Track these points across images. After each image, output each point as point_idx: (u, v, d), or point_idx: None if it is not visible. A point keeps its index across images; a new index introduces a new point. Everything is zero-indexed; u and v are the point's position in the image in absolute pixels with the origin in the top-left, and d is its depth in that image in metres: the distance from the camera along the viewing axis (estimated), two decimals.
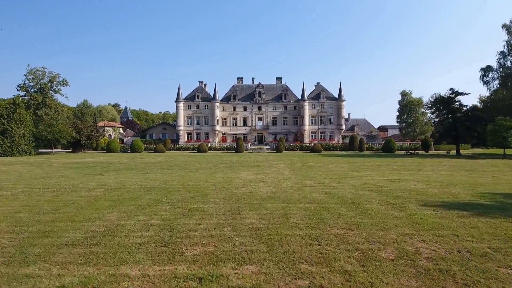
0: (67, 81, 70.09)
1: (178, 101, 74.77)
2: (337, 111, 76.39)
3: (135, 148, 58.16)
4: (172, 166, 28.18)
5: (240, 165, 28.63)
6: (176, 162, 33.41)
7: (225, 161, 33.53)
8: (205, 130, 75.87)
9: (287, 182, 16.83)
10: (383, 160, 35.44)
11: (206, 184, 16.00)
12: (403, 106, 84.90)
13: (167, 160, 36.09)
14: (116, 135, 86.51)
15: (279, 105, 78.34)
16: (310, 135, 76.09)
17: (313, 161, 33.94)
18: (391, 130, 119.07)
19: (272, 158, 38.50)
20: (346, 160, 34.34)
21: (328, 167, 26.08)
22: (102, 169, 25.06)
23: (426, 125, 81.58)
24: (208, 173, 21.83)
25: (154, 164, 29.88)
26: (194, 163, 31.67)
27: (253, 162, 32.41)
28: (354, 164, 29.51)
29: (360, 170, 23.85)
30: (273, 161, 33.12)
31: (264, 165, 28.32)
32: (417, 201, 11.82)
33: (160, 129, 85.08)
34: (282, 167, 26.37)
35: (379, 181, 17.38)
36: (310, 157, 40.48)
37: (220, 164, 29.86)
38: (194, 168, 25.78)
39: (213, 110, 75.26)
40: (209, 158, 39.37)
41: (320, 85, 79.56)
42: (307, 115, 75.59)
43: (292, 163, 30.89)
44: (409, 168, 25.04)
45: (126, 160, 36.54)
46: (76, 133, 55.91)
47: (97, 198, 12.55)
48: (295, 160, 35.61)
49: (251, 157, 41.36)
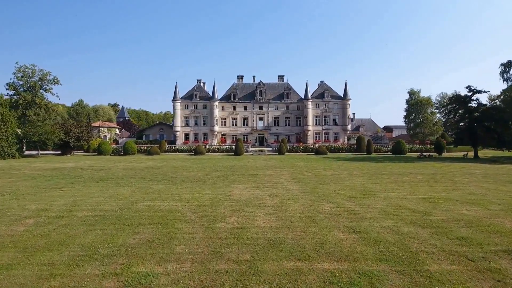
0: (58, 80, 65.84)
1: (175, 100, 70.44)
2: (342, 110, 71.79)
3: (127, 150, 53.93)
4: (158, 174, 23.85)
5: (237, 172, 24.23)
6: (165, 168, 29.09)
7: (220, 167, 29.16)
8: (204, 131, 71.52)
9: (294, 205, 12.36)
10: (399, 165, 30.93)
11: (183, 210, 11.53)
12: (411, 106, 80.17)
13: (156, 166, 31.81)
14: (111, 136, 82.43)
15: (281, 105, 73.88)
16: (313, 136, 71.56)
17: (320, 166, 29.50)
18: (397, 131, 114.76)
19: (273, 163, 34.09)
20: (357, 166, 29.85)
21: (340, 176, 21.62)
22: (71, 180, 20.73)
23: (435, 126, 76.95)
24: (195, 186, 17.44)
25: (138, 172, 25.54)
26: (185, 169, 27.31)
27: (252, 168, 28.00)
28: (369, 171, 25.03)
29: (380, 181, 19.40)
30: (275, 167, 28.69)
31: (265, 173, 23.87)
32: (505, 251, 7.36)
33: (157, 130, 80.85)
34: (285, 176, 21.93)
35: (415, 202, 12.93)
36: (316, 162, 36.03)
37: (214, 171, 25.47)
38: (181, 178, 21.40)
39: (211, 110, 70.90)
40: (204, 163, 35.03)
41: (324, 84, 75.01)
42: (310, 115, 71.07)
43: (297, 170, 26.44)
44: (438, 179, 20.52)
45: (111, 165, 32.27)
46: (64, 135, 51.73)
47: (3, 244, 8.14)
48: (299, 165, 31.17)
49: (251, 161, 36.99)
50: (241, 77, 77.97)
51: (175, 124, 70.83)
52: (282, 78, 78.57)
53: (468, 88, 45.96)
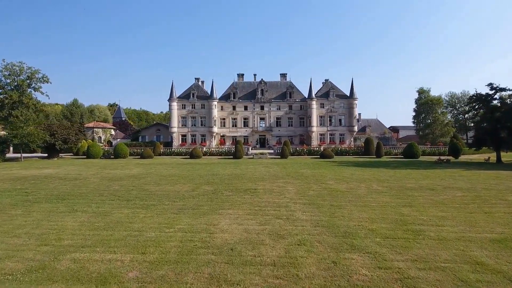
0: (48, 78, 61.45)
1: (171, 100, 66.05)
2: (348, 110, 67.09)
3: (118, 153, 49.57)
4: (135, 187, 19.36)
5: (231, 186, 19.66)
6: (149, 177, 24.59)
7: (214, 177, 24.60)
8: (201, 132, 67.09)
9: (308, 260, 7.63)
10: (421, 174, 26.22)
11: (126, 276, 6.90)
12: (421, 105, 75.44)
13: (142, 174, 27.34)
14: (106, 137, 78.20)
15: (283, 104, 69.30)
16: (318, 137, 66.94)
17: (330, 175, 24.86)
18: (403, 131, 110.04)
19: (276, 170, 29.50)
20: (373, 175, 25.18)
21: (359, 194, 16.97)
22: (21, 198, 16.22)
23: (446, 126, 72.12)
24: (170, 212, 12.87)
25: (114, 183, 21.03)
26: (171, 180, 22.77)
27: (251, 179, 23.41)
28: (390, 184, 20.37)
29: (413, 202, 14.74)
30: (277, 177, 24.06)
31: (265, 187, 19.25)
32: None
33: (154, 131, 76.51)
34: (291, 193, 17.32)
35: (491, 252, 8.34)
36: (324, 168, 31.37)
37: (204, 184, 20.93)
38: (161, 195, 16.83)
39: (210, 110, 66.43)
40: (197, 169, 30.51)
41: (329, 82, 70.34)
42: (314, 115, 66.44)
43: (303, 181, 21.80)
44: (486, 198, 15.77)
45: (91, 173, 27.83)
46: (49, 136, 47.42)
47: None
48: (306, 174, 26.55)
49: (250, 168, 32.42)
50: (242, 75, 73.48)
51: (172, 125, 66.46)
52: (284, 76, 74.01)
53: (490, 86, 41.16)
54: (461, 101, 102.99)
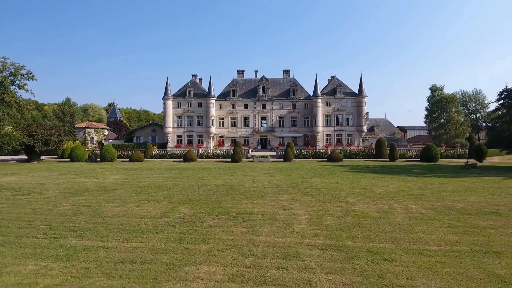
0: (33, 75, 56.26)
1: (166, 98, 60.86)
2: (356, 109, 61.51)
3: (105, 156, 44.41)
4: (88, 209, 14.05)
5: (217, 208, 14.22)
6: (119, 190, 19.27)
7: (201, 189, 19.20)
8: (198, 132, 61.83)
9: None
10: (458, 184, 20.67)
11: None
12: (433, 104, 69.65)
13: (116, 183, 22.10)
14: (99, 137, 73.19)
15: (286, 103, 63.87)
16: (324, 138, 61.45)
17: (348, 189, 19.37)
18: (411, 131, 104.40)
19: (279, 180, 24.11)
20: (400, 186, 19.68)
21: (398, 222, 11.48)
22: None
23: (461, 126, 66.30)
24: (96, 275, 7.56)
25: (66, 201, 15.70)
26: (144, 196, 17.38)
27: (247, 194, 17.97)
28: (435, 204, 14.85)
29: (494, 243, 9.23)
30: (280, 191, 18.64)
31: (264, 212, 13.68)
32: None
33: (149, 131, 71.41)
34: (300, 221, 11.82)
35: None
36: (337, 176, 25.86)
37: (184, 203, 15.55)
38: (110, 226, 11.32)
39: (207, 109, 61.14)
40: (184, 179, 25.15)
41: (335, 79, 64.77)
42: (320, 114, 60.93)
43: (315, 199, 16.29)
44: None
45: (55, 182, 22.61)
46: (28, 138, 42.37)
47: None
48: (316, 185, 21.08)
49: (248, 175, 27.06)
50: (242, 72, 68.13)
51: (166, 125, 61.26)
52: (287, 73, 68.53)
53: None
54: (472, 99, 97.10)
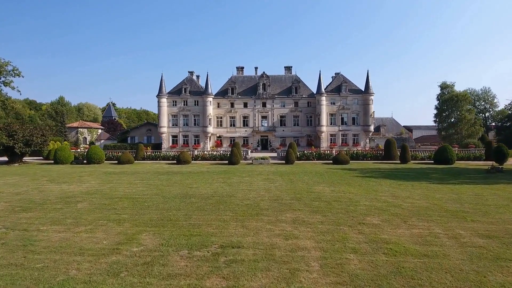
0: (19, 71, 53.01)
1: (161, 95, 57.05)
2: (363, 107, 57.42)
3: (91, 158, 40.57)
4: (24, 234, 10.22)
5: (192, 238, 10.20)
6: (83, 203, 15.37)
7: (182, 204, 15.27)
8: (195, 132, 57.97)
9: None
10: (496, 193, 16.56)
11: None
12: (443, 102, 65.42)
13: (87, 192, 18.23)
14: (93, 138, 69.56)
15: (288, 101, 59.89)
16: (328, 138, 57.42)
17: (365, 202, 15.36)
18: (416, 131, 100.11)
19: (279, 189, 20.15)
20: (429, 198, 15.65)
21: (452, 264, 7.46)
22: None
23: (474, 126, 62.03)
24: None
25: (6, 219, 11.92)
26: (107, 213, 13.46)
27: (238, 210, 14.01)
28: (489, 228, 10.74)
29: None
30: (281, 210, 14.63)
31: (258, 244, 9.57)
32: None
33: (144, 131, 67.63)
34: (312, 268, 7.89)
35: None
36: (348, 184, 21.82)
37: (151, 228, 11.62)
38: (34, 273, 7.60)
39: (204, 107, 57.27)
40: (168, 187, 21.22)
41: (340, 75, 60.70)
42: (324, 113, 56.92)
43: (330, 224, 12.19)
44: None
45: (18, 190, 18.78)
46: (7, 138, 38.67)
47: None
48: (325, 195, 17.10)
49: (244, 183, 23.04)
50: (241, 68, 64.19)
51: (160, 124, 57.47)
52: (289, 69, 64.54)
53: None
54: (481, 98, 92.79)
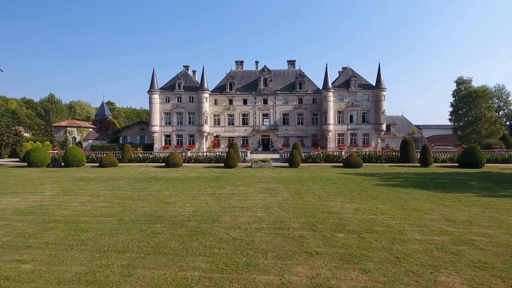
0: None
1: (152, 91, 51.92)
2: (374, 104, 51.86)
3: (69, 160, 35.37)
4: None
5: None
6: (14, 227, 10.16)
7: (147, 231, 9.99)
8: (189, 132, 52.72)
9: None
10: None
11: None
12: (460, 99, 59.75)
13: (28, 211, 12.92)
14: (82, 137, 64.54)
15: (292, 97, 54.48)
16: (336, 138, 51.94)
17: (415, 236, 9.87)
18: (426, 131, 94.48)
19: (283, 208, 14.77)
20: (500, 224, 10.28)
21: None
22: None
23: (494, 125, 56.25)
24: None
25: None
26: (38, 243, 8.18)
27: (223, 243, 8.64)
28: None
29: None
30: (287, 244, 9.25)
31: None
32: None
33: (137, 130, 62.54)
34: None
35: None
36: (374, 199, 16.33)
37: None
38: None
39: (200, 104, 52.01)
40: (140, 201, 15.93)
41: (349, 69, 55.20)
42: (331, 110, 51.46)
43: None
44: None
45: None
46: None
47: None
48: (353, 224, 11.72)
49: (237, 196, 17.64)
50: (241, 63, 58.81)
51: (152, 123, 52.38)
52: (292, 64, 59.08)
53: None
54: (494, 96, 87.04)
